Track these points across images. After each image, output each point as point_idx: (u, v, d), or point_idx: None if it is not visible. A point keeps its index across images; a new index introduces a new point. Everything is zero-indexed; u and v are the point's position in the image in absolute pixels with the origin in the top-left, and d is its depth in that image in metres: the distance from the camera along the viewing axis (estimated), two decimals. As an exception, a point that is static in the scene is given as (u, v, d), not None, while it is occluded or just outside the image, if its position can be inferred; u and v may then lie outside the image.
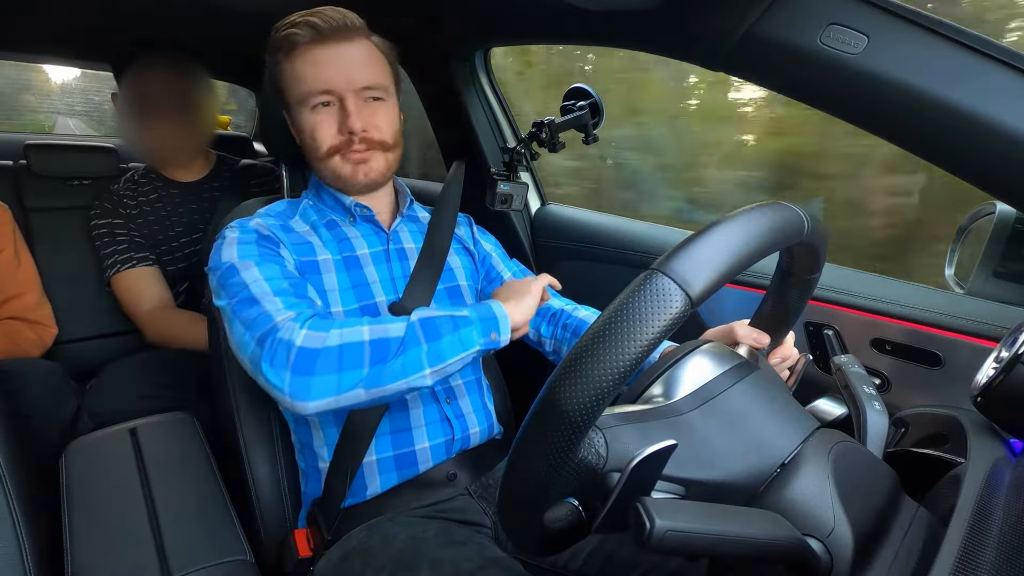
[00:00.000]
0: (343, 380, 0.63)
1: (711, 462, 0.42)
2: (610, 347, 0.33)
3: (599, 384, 0.33)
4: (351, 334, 0.65)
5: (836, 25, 0.59)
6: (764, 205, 0.41)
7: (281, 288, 0.70)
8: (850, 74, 0.60)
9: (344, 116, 0.77)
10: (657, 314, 0.33)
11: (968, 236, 0.87)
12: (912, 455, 0.52)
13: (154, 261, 1.33)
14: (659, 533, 0.32)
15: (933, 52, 0.56)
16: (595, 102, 1.07)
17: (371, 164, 0.81)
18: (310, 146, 0.80)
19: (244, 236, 0.75)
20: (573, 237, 1.26)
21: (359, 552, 0.71)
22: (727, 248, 0.36)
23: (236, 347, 0.69)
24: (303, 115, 0.79)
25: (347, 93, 0.77)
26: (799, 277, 0.53)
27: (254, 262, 0.72)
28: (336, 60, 0.77)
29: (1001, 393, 0.45)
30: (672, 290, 0.34)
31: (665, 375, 0.47)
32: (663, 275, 0.34)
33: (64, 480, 0.79)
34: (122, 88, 1.30)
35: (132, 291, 1.29)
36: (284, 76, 0.79)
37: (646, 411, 0.43)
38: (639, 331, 0.33)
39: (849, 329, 0.88)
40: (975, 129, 0.55)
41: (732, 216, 0.39)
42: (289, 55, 0.78)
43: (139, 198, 1.35)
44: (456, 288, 0.90)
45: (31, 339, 1.22)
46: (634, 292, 0.34)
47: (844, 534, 0.38)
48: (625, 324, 0.33)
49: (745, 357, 0.49)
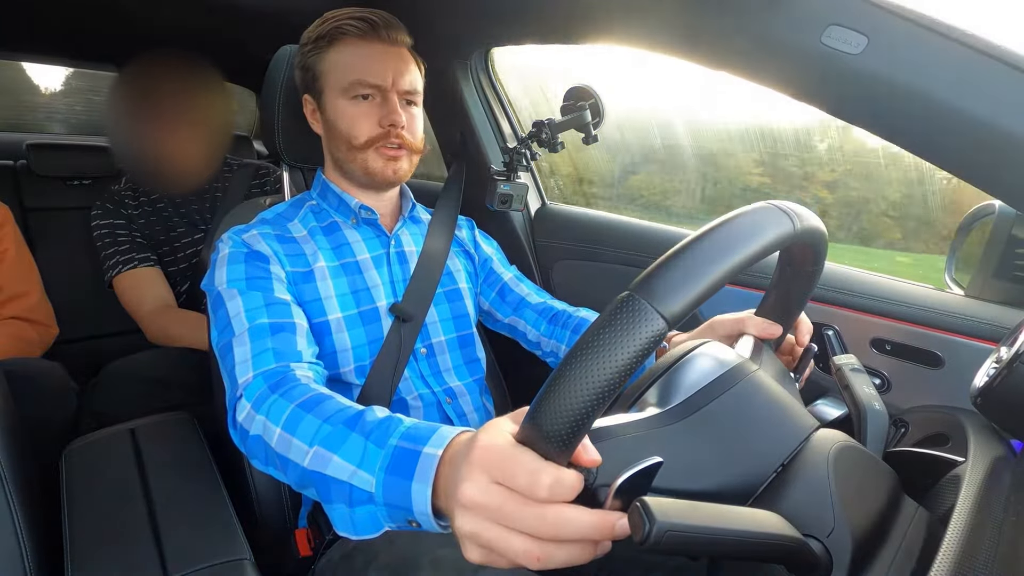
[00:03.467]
0: (285, 470, 0.58)
1: (702, 473, 0.41)
2: (585, 372, 0.33)
3: (576, 410, 0.33)
4: (297, 450, 0.55)
5: (836, 25, 0.59)
6: (745, 211, 0.40)
7: (258, 327, 0.69)
8: (850, 74, 0.59)
9: (387, 111, 0.79)
10: (632, 338, 0.33)
11: (968, 236, 0.87)
12: (912, 455, 0.52)
13: (156, 261, 1.33)
14: (659, 533, 0.32)
15: (933, 52, 0.56)
16: (595, 102, 1.07)
17: (400, 163, 0.82)
18: (344, 134, 0.80)
19: (235, 252, 0.76)
20: (573, 237, 1.26)
21: (361, 551, 0.71)
22: (704, 265, 0.35)
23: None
24: (341, 103, 0.80)
25: (391, 91, 0.79)
26: (799, 269, 0.52)
27: (238, 290, 0.72)
28: (387, 58, 0.80)
29: (1001, 393, 0.45)
30: (647, 313, 0.33)
31: (660, 380, 0.47)
32: (638, 298, 0.34)
33: (64, 480, 0.79)
34: (121, 90, 1.25)
35: (134, 291, 1.29)
36: (327, 61, 0.80)
37: (637, 422, 0.42)
38: (613, 355, 0.33)
39: (849, 329, 0.88)
40: (975, 129, 0.55)
41: (710, 228, 0.37)
42: (337, 43, 0.80)
43: (140, 198, 1.35)
44: (456, 291, 0.90)
45: (33, 339, 1.21)
46: (609, 316, 0.34)
47: (844, 534, 0.38)
48: (600, 349, 0.33)
49: (745, 356, 0.49)
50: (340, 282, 0.80)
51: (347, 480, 0.50)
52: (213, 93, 1.31)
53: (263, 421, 0.59)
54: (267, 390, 0.62)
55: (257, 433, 0.60)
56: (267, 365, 0.65)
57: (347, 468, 0.50)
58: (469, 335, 0.91)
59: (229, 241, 0.77)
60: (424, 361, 0.85)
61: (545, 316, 0.93)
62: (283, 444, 0.56)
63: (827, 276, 0.87)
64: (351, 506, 0.50)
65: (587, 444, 0.37)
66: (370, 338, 0.80)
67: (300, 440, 0.55)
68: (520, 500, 0.35)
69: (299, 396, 0.59)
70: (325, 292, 0.79)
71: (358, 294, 0.81)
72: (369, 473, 0.49)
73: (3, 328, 1.18)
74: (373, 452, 0.49)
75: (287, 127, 0.89)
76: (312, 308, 0.77)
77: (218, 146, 1.35)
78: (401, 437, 0.48)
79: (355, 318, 0.79)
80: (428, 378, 0.84)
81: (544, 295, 0.99)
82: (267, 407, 0.60)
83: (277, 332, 0.69)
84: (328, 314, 0.78)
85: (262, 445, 0.59)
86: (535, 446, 0.36)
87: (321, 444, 0.53)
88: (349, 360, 0.78)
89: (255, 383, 0.63)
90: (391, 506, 0.47)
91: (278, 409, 0.59)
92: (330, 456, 0.51)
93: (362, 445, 0.50)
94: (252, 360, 0.66)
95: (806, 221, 0.43)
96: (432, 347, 0.86)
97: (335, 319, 0.78)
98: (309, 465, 0.53)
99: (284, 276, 0.76)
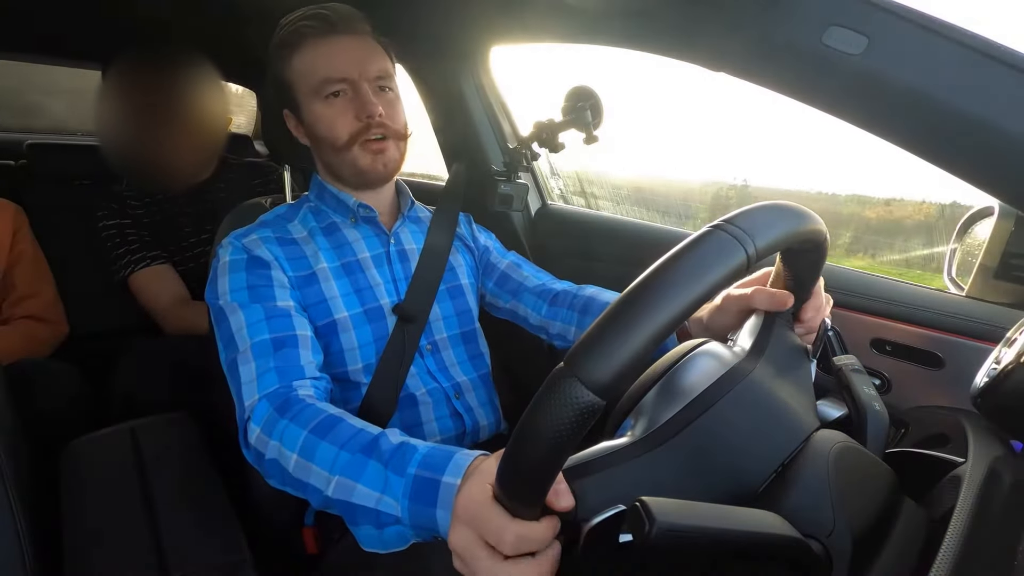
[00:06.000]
0: (305, 492, 0.59)
1: (699, 486, 0.41)
2: (537, 439, 0.33)
3: (535, 472, 0.34)
4: (317, 477, 0.56)
5: (837, 26, 0.59)
6: (683, 248, 0.35)
7: (261, 343, 0.69)
8: (850, 75, 0.59)
9: (361, 103, 0.78)
10: (564, 413, 0.32)
11: (968, 236, 0.87)
12: (912, 455, 0.52)
13: (167, 259, 1.34)
14: (659, 532, 0.32)
15: (933, 52, 0.56)
16: (595, 102, 1.07)
17: (388, 154, 0.81)
18: (326, 138, 0.80)
19: (236, 260, 0.76)
20: (573, 237, 1.26)
21: None
22: (635, 329, 0.32)
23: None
24: (316, 107, 0.79)
25: (361, 81, 0.78)
26: (801, 250, 0.50)
27: (239, 303, 0.72)
28: (348, 50, 0.78)
29: (1001, 394, 0.45)
30: (575, 387, 0.32)
31: (655, 388, 0.46)
32: (569, 372, 0.32)
33: (64, 480, 0.79)
34: (110, 87, 1.23)
35: (150, 289, 1.31)
36: (293, 70, 0.80)
37: (620, 451, 0.41)
38: (547, 429, 0.32)
39: (849, 329, 0.88)
40: (975, 129, 0.55)
41: (641, 284, 0.34)
42: (298, 48, 0.79)
43: (145, 199, 1.35)
44: (458, 287, 0.91)
45: (44, 338, 1.23)
46: (544, 391, 0.33)
47: (844, 534, 0.38)
48: (537, 425, 0.33)
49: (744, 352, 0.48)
50: (343, 282, 0.80)
51: (373, 507, 0.52)
52: (202, 89, 1.28)
53: (277, 447, 0.60)
54: (274, 414, 0.62)
55: (273, 457, 0.60)
56: (271, 387, 0.65)
57: (372, 496, 0.52)
58: (472, 331, 0.91)
59: (229, 247, 0.77)
60: (430, 357, 0.85)
61: (545, 298, 0.91)
62: (302, 471, 0.57)
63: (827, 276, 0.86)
64: (379, 528, 0.52)
65: (560, 490, 0.38)
66: (375, 336, 0.80)
67: (319, 467, 0.56)
68: (491, 552, 0.40)
69: (310, 420, 0.60)
70: (329, 293, 0.78)
71: (361, 293, 0.81)
72: (393, 499, 0.51)
73: (16, 328, 1.19)
74: (395, 481, 0.51)
75: (287, 127, 0.89)
76: (318, 310, 0.77)
77: (211, 143, 1.33)
78: (419, 466, 0.51)
79: (360, 317, 0.79)
80: (435, 373, 0.85)
81: (543, 276, 0.96)
82: (279, 433, 0.60)
83: (280, 348, 0.69)
84: (335, 314, 0.78)
85: (279, 468, 0.60)
86: (504, 503, 0.39)
87: (342, 473, 0.54)
88: (356, 359, 0.78)
89: (260, 407, 0.64)
90: (418, 528, 0.50)
91: (291, 435, 0.59)
92: (353, 485, 0.53)
93: (383, 474, 0.52)
94: (256, 381, 0.66)
95: (765, 233, 0.37)
96: (436, 343, 0.86)
97: (342, 318, 0.78)
98: (333, 494, 0.54)
99: (287, 281, 0.76)
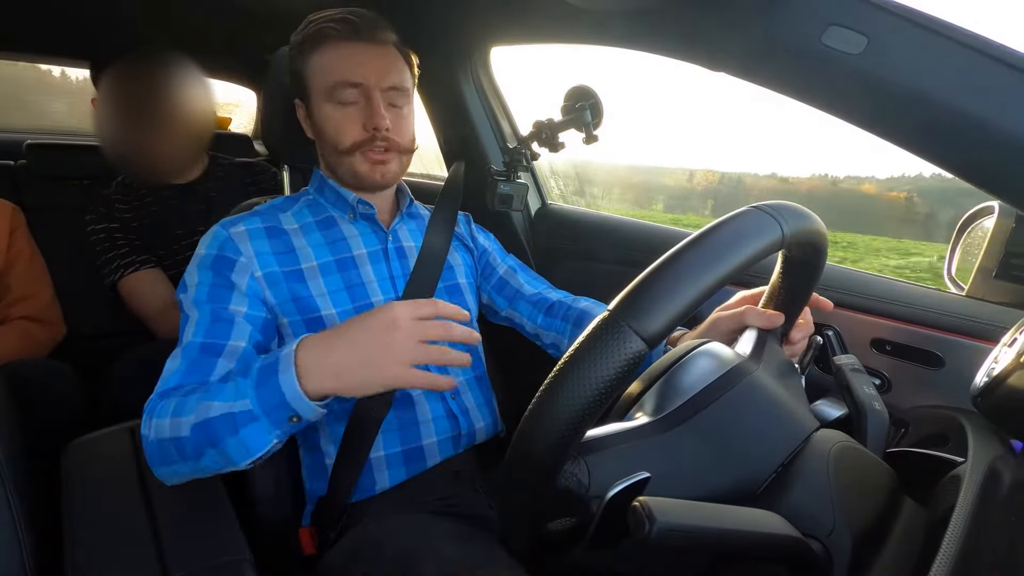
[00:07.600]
0: (181, 456, 0.61)
1: (696, 480, 0.41)
2: (567, 393, 0.34)
3: (559, 430, 0.34)
4: (185, 425, 0.60)
5: (836, 26, 0.59)
6: (727, 219, 0.38)
7: (190, 345, 0.69)
8: (850, 74, 0.59)
9: (370, 113, 0.78)
10: (611, 360, 0.33)
11: (968, 236, 0.87)
12: (912, 455, 0.52)
13: (155, 263, 1.33)
14: (659, 532, 0.32)
15: (933, 52, 0.56)
16: (595, 102, 1.07)
17: (388, 166, 0.81)
18: (331, 139, 0.80)
19: (206, 255, 0.76)
20: (573, 237, 1.26)
21: (365, 547, 0.71)
22: (685, 282, 0.35)
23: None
24: (326, 108, 0.79)
25: (375, 90, 0.78)
26: (797, 259, 0.51)
27: (194, 302, 0.72)
28: (368, 57, 0.79)
29: (1001, 394, 0.45)
30: (626, 334, 0.33)
31: (658, 383, 0.46)
32: (618, 320, 0.34)
33: (64, 480, 0.79)
34: (102, 89, 1.24)
35: (140, 293, 1.30)
36: (310, 66, 0.80)
37: (633, 430, 0.42)
38: (593, 377, 0.33)
39: (849, 329, 0.88)
40: (975, 129, 0.55)
41: (689, 244, 0.36)
42: (319, 46, 0.79)
43: (133, 202, 1.34)
44: (456, 286, 0.90)
45: (42, 339, 1.22)
46: (589, 338, 0.34)
47: (844, 534, 0.38)
48: (580, 371, 0.33)
49: (746, 354, 0.49)
50: (334, 278, 0.80)
51: (228, 411, 0.57)
52: (185, 86, 1.27)
53: (154, 423, 0.62)
54: (156, 398, 0.65)
55: (154, 438, 0.61)
56: (170, 385, 0.67)
57: (225, 405, 0.57)
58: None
59: (209, 236, 0.77)
60: None
61: (541, 307, 0.92)
62: (174, 428, 0.60)
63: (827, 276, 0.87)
64: (237, 431, 0.56)
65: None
66: None
67: (185, 416, 0.60)
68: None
69: (185, 392, 0.63)
70: (317, 290, 0.78)
71: (352, 290, 0.80)
72: (244, 398, 0.57)
73: (13, 328, 1.19)
74: (243, 383, 0.58)
75: (287, 128, 0.89)
76: (305, 304, 0.77)
77: (196, 140, 1.32)
78: (261, 361, 0.59)
79: (348, 314, 0.79)
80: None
81: (540, 284, 0.97)
82: (157, 410, 0.63)
83: (204, 353, 0.69)
84: (322, 310, 0.77)
85: (156, 446, 0.62)
86: (525, 462, 0.38)
87: (201, 400, 0.60)
88: None
89: (151, 400, 0.65)
90: (269, 412, 0.56)
91: (164, 406, 0.63)
92: (209, 404, 0.58)
93: (233, 385, 0.59)
94: (167, 378, 0.67)
95: (795, 222, 0.42)
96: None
97: (328, 315, 0.78)
98: (195, 422, 0.58)
99: (248, 283, 0.74)
